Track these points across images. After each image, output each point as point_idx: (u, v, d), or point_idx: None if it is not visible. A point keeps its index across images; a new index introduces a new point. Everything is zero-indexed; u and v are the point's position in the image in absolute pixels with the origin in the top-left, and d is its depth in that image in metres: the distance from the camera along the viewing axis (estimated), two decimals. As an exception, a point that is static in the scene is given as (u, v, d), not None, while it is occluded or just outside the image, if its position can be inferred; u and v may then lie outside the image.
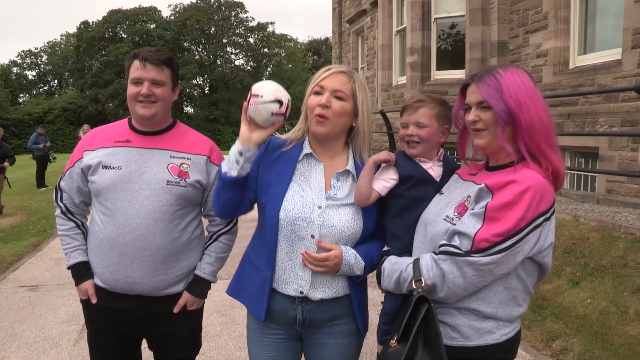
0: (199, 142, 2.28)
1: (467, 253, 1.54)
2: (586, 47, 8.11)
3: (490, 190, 1.58)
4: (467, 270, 1.54)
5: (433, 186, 1.89)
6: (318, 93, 1.90)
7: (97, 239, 2.18)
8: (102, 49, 47.47)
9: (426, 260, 1.63)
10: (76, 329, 4.36)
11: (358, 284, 1.97)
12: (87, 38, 47.12)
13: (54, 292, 5.37)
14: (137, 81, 2.12)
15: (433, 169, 1.92)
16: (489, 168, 1.75)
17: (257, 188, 1.97)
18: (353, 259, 1.86)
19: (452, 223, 1.64)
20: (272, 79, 2.09)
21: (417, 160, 1.93)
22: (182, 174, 2.17)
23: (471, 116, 1.66)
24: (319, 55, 60.39)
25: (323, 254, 1.83)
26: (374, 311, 2.40)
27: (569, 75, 7.98)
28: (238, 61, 52.59)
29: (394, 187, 1.90)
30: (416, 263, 1.66)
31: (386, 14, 12.83)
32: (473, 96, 1.67)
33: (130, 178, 2.13)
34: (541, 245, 1.57)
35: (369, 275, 1.95)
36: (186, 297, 2.25)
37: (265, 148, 1.99)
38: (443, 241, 1.62)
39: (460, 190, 1.76)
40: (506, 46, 9.47)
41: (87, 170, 2.18)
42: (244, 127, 1.86)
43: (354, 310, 1.97)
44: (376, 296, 4.47)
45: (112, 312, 2.22)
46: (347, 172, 1.96)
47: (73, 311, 4.77)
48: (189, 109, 51.35)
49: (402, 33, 12.24)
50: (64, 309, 4.87)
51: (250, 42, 52.66)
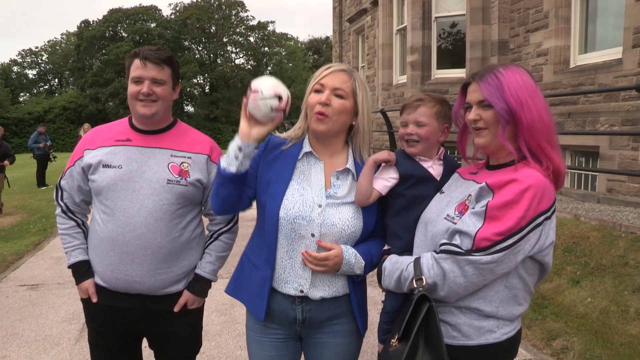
0: (200, 141, 2.27)
1: (468, 252, 1.53)
2: (587, 46, 8.10)
3: (491, 189, 1.58)
4: (468, 269, 1.54)
5: (433, 185, 1.89)
6: (318, 91, 1.89)
7: (98, 238, 2.18)
8: (103, 48, 47.50)
9: (427, 259, 1.63)
10: (77, 328, 4.37)
11: (358, 283, 1.96)
12: (88, 37, 47.14)
13: (55, 291, 5.38)
14: (138, 80, 2.11)
15: (433, 168, 1.92)
16: (490, 167, 1.75)
17: (257, 186, 1.96)
18: (353, 258, 1.86)
19: (453, 222, 1.64)
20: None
21: (417, 159, 1.93)
22: (183, 173, 2.17)
23: (472, 115, 1.66)
24: (320, 54, 60.35)
25: (323, 254, 1.82)
26: (375, 310, 2.40)
27: (570, 74, 7.97)
28: (238, 60, 52.65)
29: (395, 186, 1.90)
30: (417, 262, 1.66)
31: (387, 13, 12.82)
32: (474, 95, 1.66)
33: (130, 177, 2.13)
34: (542, 244, 1.57)
35: (369, 274, 1.95)
36: (187, 296, 2.25)
37: (264, 146, 1.99)
38: (444, 240, 1.62)
39: (461, 189, 1.76)
40: (507, 45, 9.47)
41: (88, 169, 2.18)
42: (244, 123, 1.85)
43: (354, 309, 1.97)
44: (377, 295, 4.47)
45: (113, 311, 2.22)
46: (347, 171, 1.95)
47: (74, 310, 4.77)
48: (190, 108, 51.38)
49: (403, 32, 12.24)
50: (65, 308, 4.87)
51: (250, 41, 52.65)
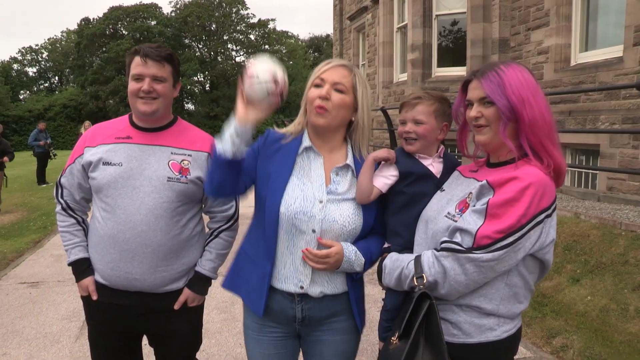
0: (200, 139, 2.27)
1: (469, 250, 1.53)
2: (587, 44, 8.09)
3: (491, 187, 1.58)
4: (469, 267, 1.54)
5: (433, 182, 1.89)
6: (318, 86, 1.89)
7: (98, 236, 2.18)
8: (103, 46, 47.47)
9: (428, 257, 1.63)
10: (77, 326, 4.37)
11: (356, 281, 1.96)
12: (88, 35, 47.12)
13: (55, 289, 5.38)
14: (138, 77, 2.11)
15: (433, 165, 1.92)
16: (490, 165, 1.74)
17: (256, 179, 1.94)
18: (353, 256, 1.85)
19: (454, 220, 1.64)
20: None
21: (417, 156, 1.93)
22: (183, 171, 2.17)
23: (473, 112, 1.66)
24: (320, 52, 60.33)
25: (324, 251, 1.81)
26: (375, 308, 2.40)
27: (570, 72, 7.96)
28: (239, 58, 52.52)
29: (395, 184, 1.89)
30: (417, 260, 1.65)
31: (387, 11, 12.81)
32: (475, 92, 1.66)
33: (131, 174, 2.13)
34: (542, 241, 1.57)
35: (368, 272, 1.95)
36: (187, 294, 2.25)
37: (264, 140, 1.97)
38: (444, 238, 1.62)
39: (461, 187, 1.76)
40: (507, 43, 9.46)
41: (88, 166, 2.18)
42: (241, 107, 1.79)
43: (352, 307, 1.97)
44: (377, 293, 4.47)
45: (113, 309, 2.22)
46: (347, 167, 1.95)
47: (74, 308, 4.77)
48: (190, 106, 51.37)
49: (403, 30, 12.23)
50: (65, 306, 4.87)
51: (251, 39, 52.58)
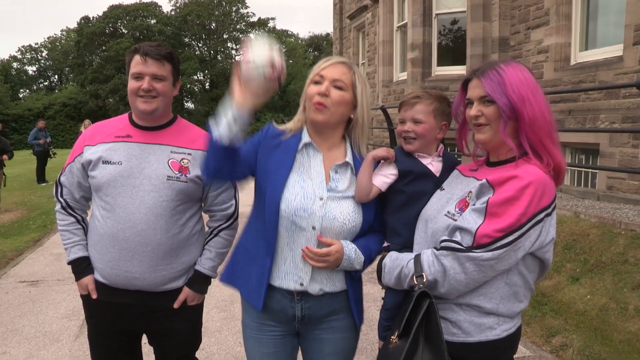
0: (200, 138, 2.27)
1: (469, 249, 1.53)
2: (587, 44, 8.09)
3: (491, 185, 1.58)
4: (469, 265, 1.54)
5: (433, 181, 1.89)
6: (317, 82, 1.89)
7: (98, 234, 2.18)
8: (103, 44, 47.44)
9: (427, 255, 1.63)
10: (76, 324, 4.37)
11: (355, 279, 1.96)
12: (88, 33, 47.09)
13: (55, 288, 5.38)
14: (138, 76, 2.11)
15: (432, 164, 1.92)
16: (490, 164, 1.74)
17: (256, 173, 1.93)
18: (353, 254, 1.85)
19: (454, 219, 1.64)
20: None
21: (416, 155, 1.93)
22: (183, 169, 2.17)
23: (473, 111, 1.66)
24: (320, 51, 60.27)
25: (324, 249, 1.81)
26: (375, 307, 2.40)
27: (570, 71, 7.96)
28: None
29: (394, 183, 1.90)
30: (417, 259, 1.65)
31: (387, 10, 12.81)
32: (475, 91, 1.66)
33: (130, 173, 2.12)
34: (542, 240, 1.57)
35: (368, 270, 1.95)
36: (186, 293, 2.25)
37: (264, 134, 1.97)
38: (444, 237, 1.62)
39: (461, 186, 1.76)
40: (507, 42, 9.45)
41: (88, 165, 2.18)
42: (238, 92, 1.75)
43: (351, 305, 1.97)
44: (377, 292, 4.47)
45: (113, 308, 2.22)
46: (346, 164, 1.95)
47: (73, 306, 4.77)
48: (190, 105, 51.30)
49: (403, 29, 12.22)
50: (65, 304, 4.87)
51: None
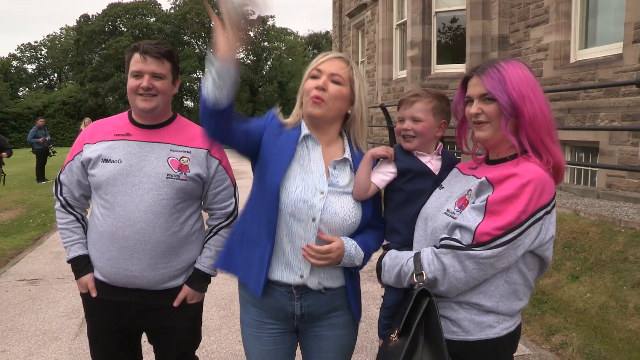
0: (199, 136, 2.25)
1: (468, 247, 1.53)
2: (587, 41, 8.08)
3: (491, 183, 1.58)
4: (468, 263, 1.54)
5: (432, 179, 1.89)
6: (315, 77, 1.89)
7: (97, 233, 2.18)
8: (102, 43, 47.35)
9: (427, 254, 1.63)
10: (76, 323, 4.37)
11: (354, 275, 1.96)
12: (87, 31, 47.00)
13: (54, 286, 5.38)
14: (138, 74, 2.11)
15: (431, 163, 1.92)
16: (489, 162, 1.74)
17: (259, 156, 1.91)
18: (354, 250, 1.85)
19: (453, 217, 1.64)
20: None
21: (415, 153, 1.93)
22: (182, 168, 2.17)
23: (473, 109, 1.66)
24: (319, 49, 60.17)
25: (326, 246, 1.80)
26: (374, 305, 2.40)
27: (570, 69, 7.96)
28: (238, 55, 52.39)
29: (393, 181, 1.90)
30: (417, 257, 1.65)
31: (387, 8, 12.79)
32: (475, 89, 1.66)
33: (130, 171, 2.12)
34: (542, 238, 1.57)
35: (366, 268, 1.95)
36: (186, 291, 2.25)
37: (270, 118, 1.96)
38: (444, 235, 1.62)
39: (460, 184, 1.76)
40: (507, 40, 9.45)
41: (87, 163, 2.18)
42: (219, 39, 1.66)
43: (350, 300, 1.97)
44: (376, 290, 4.47)
45: (112, 306, 2.22)
46: (345, 161, 1.95)
47: (73, 305, 4.77)
48: (189, 103, 51.21)
49: (403, 27, 12.21)
50: (64, 303, 4.87)
51: (250, 36, 52.42)
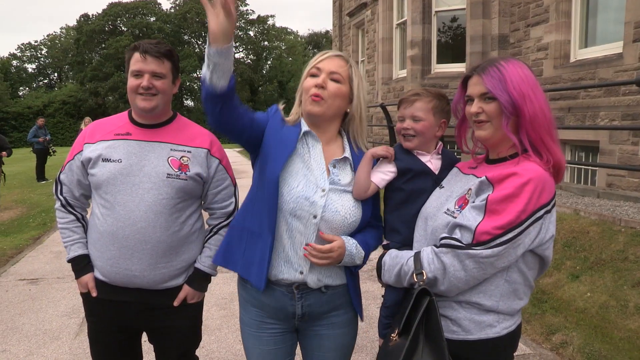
0: (200, 135, 2.27)
1: (468, 246, 1.53)
2: (587, 41, 8.08)
3: (491, 183, 1.58)
4: (469, 263, 1.54)
5: (432, 179, 1.89)
6: (314, 75, 1.88)
7: (97, 232, 2.18)
8: (102, 42, 47.41)
9: (427, 253, 1.63)
10: (76, 322, 4.37)
11: (354, 273, 1.96)
12: (87, 31, 47.04)
13: (54, 285, 5.38)
14: (138, 74, 2.11)
15: (431, 162, 1.92)
16: (489, 161, 1.74)
17: (261, 148, 1.91)
18: (354, 249, 1.85)
19: (453, 216, 1.64)
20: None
21: (415, 153, 1.93)
22: (183, 167, 2.17)
23: (474, 108, 1.66)
24: (319, 48, 60.18)
25: (327, 246, 1.80)
26: (375, 305, 2.40)
27: (570, 68, 7.96)
28: (238, 54, 52.34)
29: (393, 180, 1.90)
30: (417, 256, 1.66)
31: (387, 7, 12.79)
32: (476, 88, 1.66)
33: (130, 171, 2.12)
34: (542, 237, 1.57)
35: (366, 268, 1.94)
36: (186, 290, 2.25)
37: (273, 113, 1.95)
38: (444, 234, 1.62)
39: (460, 183, 1.76)
40: (507, 39, 9.44)
41: (87, 163, 2.17)
42: (211, 17, 1.58)
43: (352, 298, 1.97)
44: (376, 289, 4.47)
45: (112, 305, 2.22)
46: (345, 160, 1.95)
47: (73, 304, 4.78)
48: (189, 102, 51.27)
49: (403, 26, 12.21)
50: (64, 302, 4.87)
51: (250, 35, 52.50)
